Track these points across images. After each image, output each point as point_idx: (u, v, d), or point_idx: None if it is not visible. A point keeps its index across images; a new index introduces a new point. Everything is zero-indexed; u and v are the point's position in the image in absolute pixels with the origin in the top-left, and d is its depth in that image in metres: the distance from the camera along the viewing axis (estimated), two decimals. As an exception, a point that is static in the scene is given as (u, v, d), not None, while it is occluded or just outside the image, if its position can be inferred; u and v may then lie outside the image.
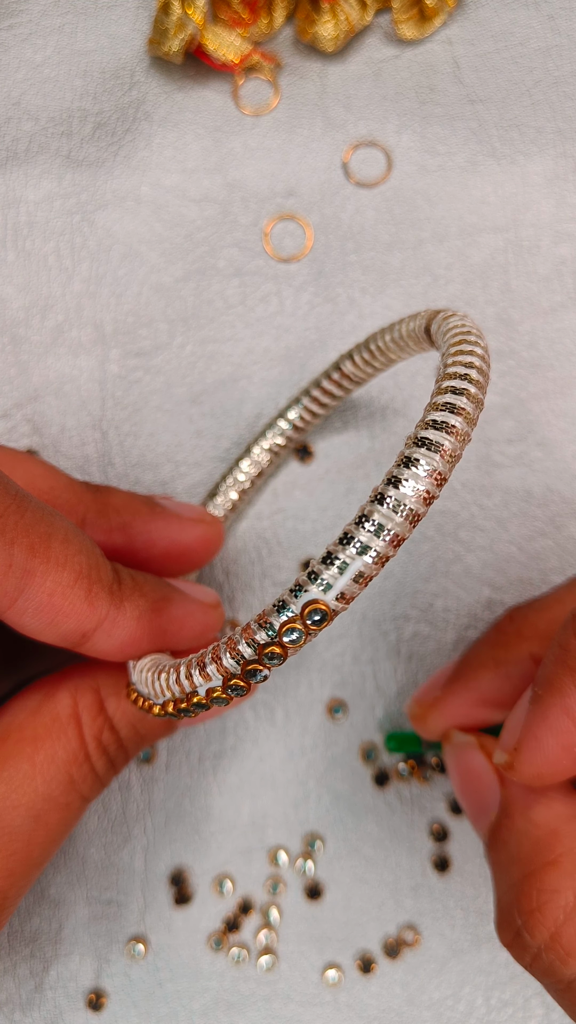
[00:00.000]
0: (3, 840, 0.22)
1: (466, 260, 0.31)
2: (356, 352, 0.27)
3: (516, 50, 0.31)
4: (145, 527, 0.26)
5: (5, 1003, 0.29)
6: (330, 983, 0.30)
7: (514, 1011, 0.29)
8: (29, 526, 0.20)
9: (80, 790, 0.23)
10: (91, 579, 0.21)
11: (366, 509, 0.17)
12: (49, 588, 0.20)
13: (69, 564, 0.21)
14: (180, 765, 0.30)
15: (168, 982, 0.30)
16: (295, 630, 0.17)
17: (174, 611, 0.23)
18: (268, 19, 0.31)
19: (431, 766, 0.30)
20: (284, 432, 0.30)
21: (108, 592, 0.21)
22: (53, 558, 0.20)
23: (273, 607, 0.17)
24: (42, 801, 0.22)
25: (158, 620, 0.23)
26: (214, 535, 0.27)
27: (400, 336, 0.24)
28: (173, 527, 0.26)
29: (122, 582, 0.22)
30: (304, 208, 0.32)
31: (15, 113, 0.31)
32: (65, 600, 0.21)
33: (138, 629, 0.22)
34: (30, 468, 0.24)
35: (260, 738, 0.30)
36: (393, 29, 0.31)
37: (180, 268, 0.31)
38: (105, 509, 0.25)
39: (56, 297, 0.31)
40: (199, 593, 0.25)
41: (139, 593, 0.22)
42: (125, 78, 0.31)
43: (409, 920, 0.30)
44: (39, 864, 0.23)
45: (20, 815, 0.22)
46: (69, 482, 0.25)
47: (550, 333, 0.31)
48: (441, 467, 0.17)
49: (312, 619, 0.17)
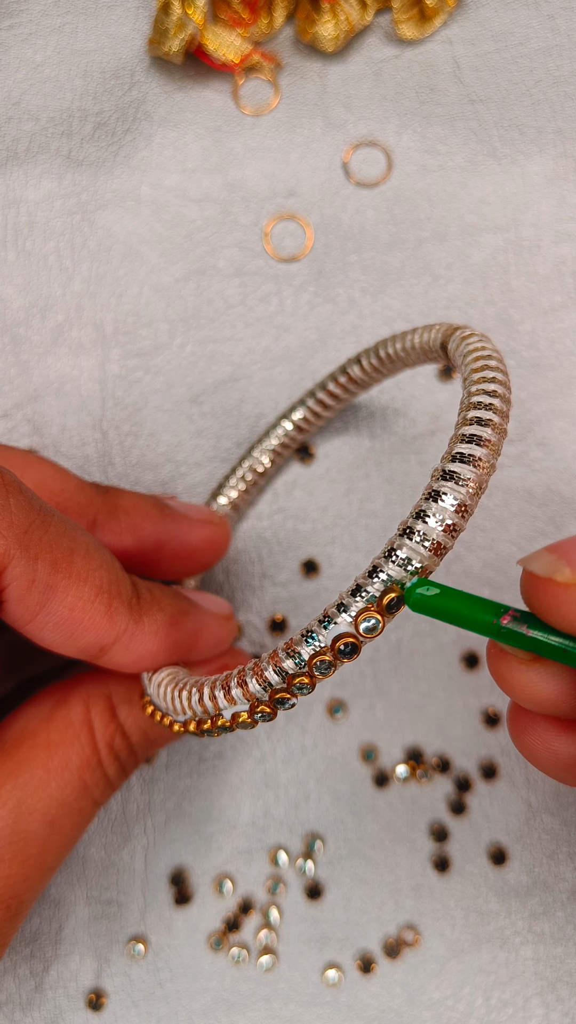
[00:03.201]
0: (20, 845, 0.22)
1: (466, 260, 0.31)
2: (364, 357, 0.27)
3: (516, 50, 0.31)
4: (155, 529, 0.26)
5: (5, 1003, 0.29)
6: (330, 983, 0.30)
7: (514, 1011, 0.29)
8: (52, 541, 0.20)
9: (93, 795, 0.23)
10: (111, 594, 0.21)
11: (395, 542, 0.17)
12: (70, 603, 0.21)
13: (90, 579, 0.21)
14: (180, 765, 0.30)
15: (168, 982, 0.30)
16: (325, 662, 0.17)
17: (190, 624, 0.24)
18: (268, 19, 0.31)
19: (431, 766, 0.30)
20: (287, 433, 0.30)
21: (127, 607, 0.22)
22: (75, 573, 0.21)
23: (301, 636, 0.17)
24: (56, 807, 0.23)
25: (175, 634, 0.23)
26: (222, 536, 0.27)
27: (412, 347, 0.24)
28: (182, 528, 0.26)
29: (141, 596, 0.22)
30: (304, 208, 0.32)
31: (15, 113, 0.31)
32: (85, 615, 0.21)
33: (156, 643, 0.22)
34: (41, 470, 0.24)
35: (260, 738, 0.30)
36: (393, 29, 0.31)
37: (180, 268, 0.31)
38: (115, 511, 0.25)
39: (56, 297, 0.31)
40: (213, 605, 0.25)
41: (157, 607, 0.23)
42: (125, 78, 0.31)
43: (409, 920, 0.30)
44: (52, 868, 0.23)
45: (36, 820, 0.22)
46: (79, 484, 0.25)
47: (550, 333, 0.31)
48: (467, 500, 0.17)
49: (343, 652, 0.17)
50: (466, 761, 0.30)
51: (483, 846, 0.30)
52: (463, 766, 0.30)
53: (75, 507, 0.24)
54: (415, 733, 0.30)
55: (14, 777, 0.22)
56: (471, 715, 0.30)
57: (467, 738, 0.30)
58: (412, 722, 0.30)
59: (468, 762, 0.30)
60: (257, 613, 0.31)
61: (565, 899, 0.30)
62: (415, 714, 0.30)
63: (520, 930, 0.30)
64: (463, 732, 0.30)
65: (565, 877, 0.30)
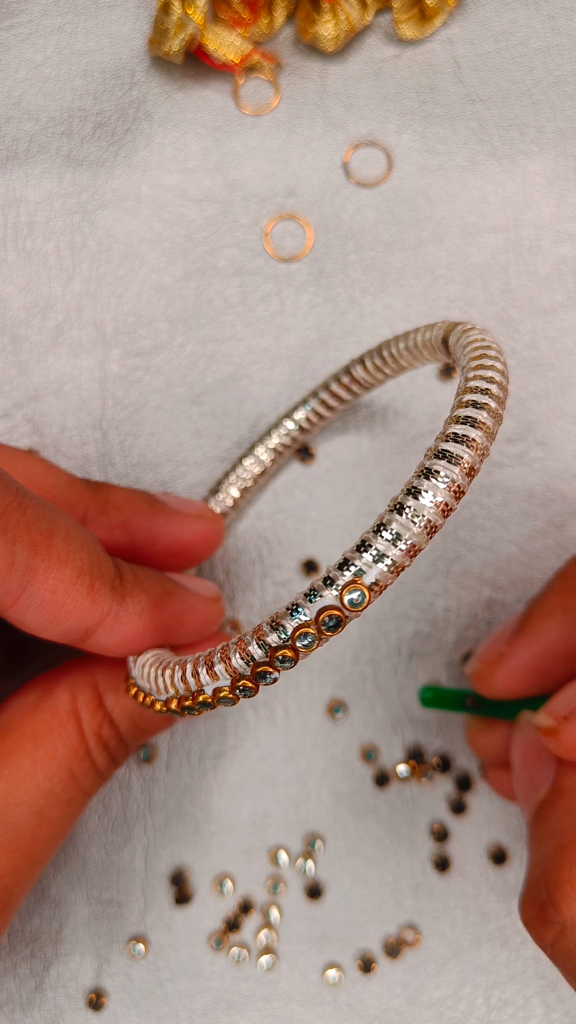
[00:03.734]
0: (7, 838, 0.22)
1: (466, 260, 0.31)
2: (368, 357, 0.27)
3: (516, 50, 0.31)
4: (146, 524, 0.26)
5: (6, 1003, 0.29)
6: (330, 983, 0.30)
7: (514, 1011, 0.29)
8: (31, 523, 0.20)
9: (81, 785, 0.23)
10: (93, 575, 0.21)
11: (384, 518, 0.17)
12: (51, 585, 0.20)
13: (71, 561, 0.21)
14: (180, 765, 0.30)
15: (168, 982, 0.30)
16: (308, 634, 0.17)
17: (176, 605, 0.23)
18: (268, 19, 0.31)
19: (432, 766, 0.30)
20: (289, 432, 0.30)
21: (110, 588, 0.21)
22: (55, 555, 0.20)
23: (287, 610, 0.17)
24: (44, 797, 0.22)
25: (160, 615, 0.23)
26: (215, 531, 0.27)
27: (415, 345, 0.24)
28: (174, 523, 0.26)
29: (124, 577, 0.22)
30: (304, 208, 0.32)
31: (15, 113, 0.31)
32: (67, 597, 0.21)
33: (140, 624, 0.22)
34: (30, 466, 0.24)
35: (260, 738, 0.30)
36: (393, 29, 0.31)
37: (180, 268, 0.31)
38: (106, 507, 0.25)
39: (56, 297, 0.31)
40: (200, 587, 0.25)
41: (141, 588, 0.22)
42: (125, 78, 0.31)
43: (409, 920, 0.30)
44: (42, 860, 0.23)
45: (23, 812, 0.22)
46: (69, 480, 0.25)
47: (550, 332, 0.31)
48: (460, 479, 0.17)
49: (327, 625, 0.17)
50: (466, 761, 0.30)
51: (483, 846, 0.30)
52: (463, 766, 0.30)
53: (65, 503, 0.24)
54: (415, 733, 0.30)
55: (0, 769, 0.22)
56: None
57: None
58: (412, 722, 0.30)
59: (468, 762, 0.30)
60: (257, 613, 0.31)
61: (565, 899, 0.30)
62: (415, 714, 0.30)
63: (520, 929, 0.30)
64: (463, 732, 0.30)
65: (565, 877, 0.30)
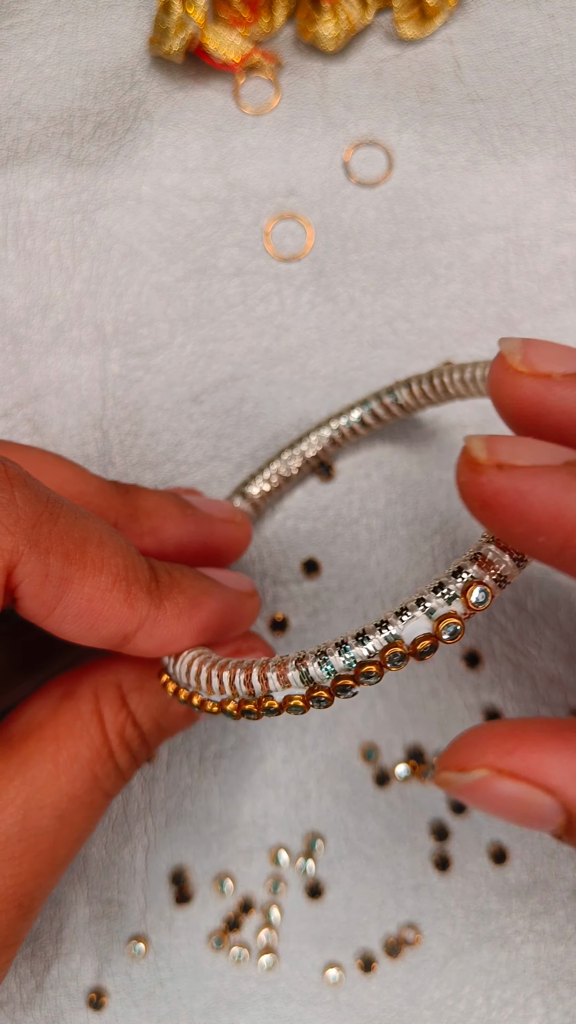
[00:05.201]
0: (30, 842, 0.22)
1: (467, 259, 0.31)
2: (415, 383, 0.27)
3: (517, 49, 0.31)
4: (177, 531, 0.25)
5: (6, 1002, 0.29)
6: (331, 982, 0.30)
7: (515, 1010, 0.29)
8: (63, 533, 0.20)
9: (104, 787, 0.23)
10: (129, 580, 0.21)
11: (483, 547, 0.17)
12: (87, 594, 0.20)
13: (106, 567, 0.20)
14: (181, 765, 0.30)
15: (169, 981, 0.30)
16: (399, 655, 0.17)
17: (213, 604, 0.23)
18: (269, 18, 0.31)
19: (432, 766, 0.30)
20: (322, 442, 0.29)
21: (147, 592, 0.21)
22: (89, 563, 0.20)
23: (376, 626, 0.17)
24: (67, 801, 0.22)
25: (199, 616, 0.22)
26: (243, 535, 0.27)
27: (472, 379, 0.24)
28: (204, 529, 0.26)
29: (160, 580, 0.22)
30: (305, 207, 0.32)
31: (16, 113, 0.31)
32: (104, 604, 0.20)
33: (179, 627, 0.22)
34: (59, 472, 0.24)
35: (261, 738, 0.30)
36: (394, 28, 0.31)
37: (181, 267, 0.31)
38: (136, 513, 0.25)
39: (57, 297, 0.31)
40: (235, 582, 0.25)
41: (178, 590, 0.22)
42: (126, 77, 0.31)
43: (410, 919, 0.30)
44: (64, 863, 0.23)
45: (46, 816, 0.22)
46: (100, 486, 0.24)
47: (551, 332, 0.31)
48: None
49: (422, 651, 0.17)
50: (466, 760, 0.30)
51: (484, 845, 0.30)
52: (463, 765, 0.30)
53: (95, 510, 0.24)
54: (416, 732, 0.30)
55: (22, 772, 0.22)
56: (472, 714, 0.30)
57: (467, 737, 0.30)
58: (413, 721, 0.30)
59: (468, 761, 0.30)
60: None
61: (566, 898, 0.30)
62: (416, 713, 0.30)
63: (521, 929, 0.30)
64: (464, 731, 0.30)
65: (566, 876, 0.30)
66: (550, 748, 0.18)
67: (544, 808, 0.18)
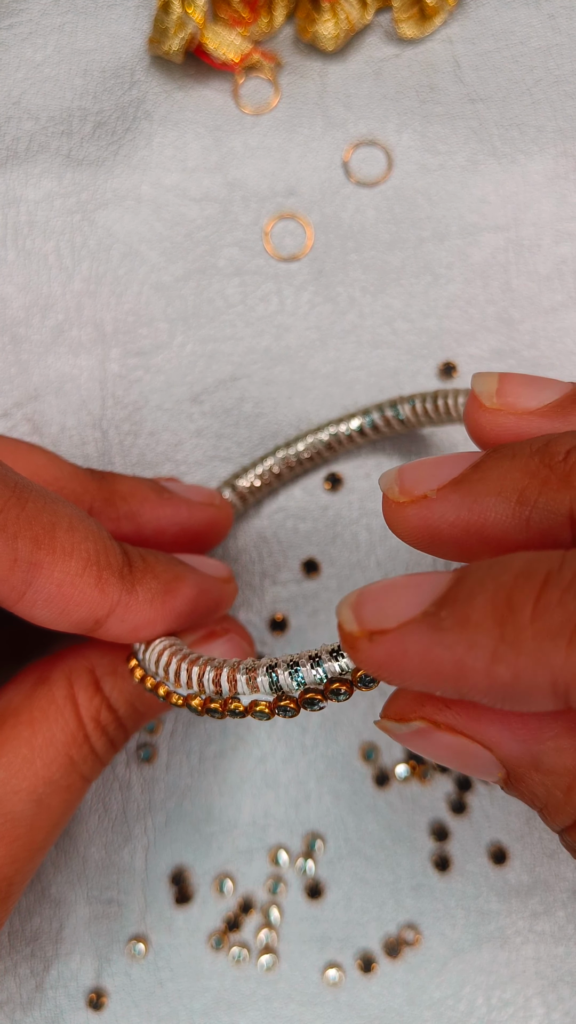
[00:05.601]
0: (6, 827, 0.22)
1: (467, 259, 0.31)
2: (419, 400, 0.27)
3: (517, 49, 0.31)
4: (154, 515, 0.25)
5: (6, 1002, 0.29)
6: (330, 983, 0.30)
7: (515, 1011, 0.29)
8: (32, 517, 0.20)
9: (81, 771, 0.23)
10: (100, 565, 0.21)
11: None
12: (57, 579, 0.20)
13: (76, 552, 0.20)
14: (180, 765, 0.30)
15: (169, 981, 0.30)
16: (370, 676, 0.17)
17: (187, 590, 0.23)
18: (268, 18, 0.31)
19: (432, 766, 0.30)
20: (318, 446, 0.29)
21: (119, 577, 0.21)
22: (59, 548, 0.20)
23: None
24: (43, 785, 0.22)
25: (172, 601, 0.22)
26: (224, 518, 0.27)
27: None
28: (182, 512, 0.26)
29: (133, 565, 0.22)
30: (304, 207, 0.32)
31: (15, 112, 0.31)
32: (75, 589, 0.20)
33: (152, 612, 0.22)
34: (33, 458, 0.24)
35: (260, 738, 0.30)
36: (393, 28, 0.31)
37: (180, 267, 0.31)
38: (112, 497, 0.25)
39: (56, 296, 0.31)
40: (211, 567, 0.25)
41: (151, 575, 0.22)
42: (125, 77, 0.31)
43: (410, 919, 0.30)
44: (42, 848, 0.23)
45: (22, 800, 0.22)
46: (74, 471, 0.24)
47: (551, 332, 0.31)
48: None
49: None
50: (466, 760, 0.30)
51: (484, 845, 0.30)
52: (463, 765, 0.30)
53: (70, 495, 0.24)
54: (415, 732, 0.30)
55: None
56: (471, 714, 0.30)
57: (467, 737, 0.30)
58: (412, 721, 0.30)
59: (468, 761, 0.30)
60: (257, 612, 0.31)
61: (566, 898, 0.30)
62: (415, 713, 0.30)
63: (521, 929, 0.30)
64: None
65: (566, 876, 0.30)
66: (502, 714, 0.18)
67: (483, 759, 0.18)
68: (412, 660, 0.16)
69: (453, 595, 0.16)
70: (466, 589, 0.16)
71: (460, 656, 0.15)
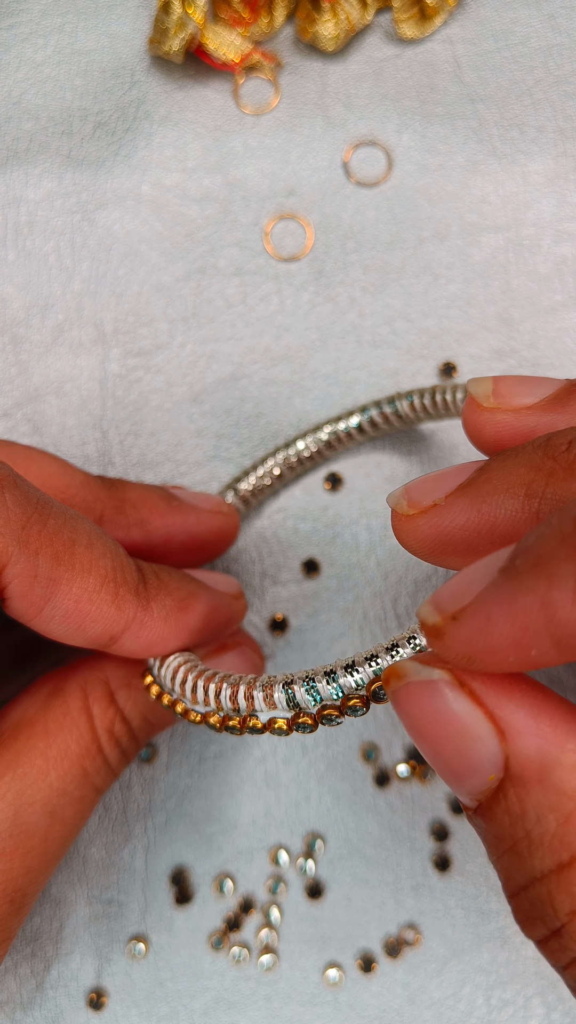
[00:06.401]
0: (21, 838, 0.22)
1: (467, 259, 0.31)
2: (417, 396, 0.27)
3: (517, 49, 0.31)
4: (163, 522, 0.25)
5: (6, 1002, 0.29)
6: (331, 983, 0.30)
7: (515, 1011, 0.29)
8: (52, 534, 0.20)
9: (94, 782, 0.23)
10: (117, 582, 0.21)
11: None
12: (75, 595, 0.20)
13: (94, 569, 0.21)
14: (181, 765, 0.30)
15: (169, 981, 0.30)
16: (383, 691, 0.17)
17: (200, 607, 0.23)
18: (268, 18, 0.31)
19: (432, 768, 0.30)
20: (318, 445, 0.29)
21: (134, 594, 0.21)
22: (78, 565, 0.20)
23: (365, 659, 0.17)
24: (57, 796, 0.22)
25: (186, 618, 0.22)
26: (231, 526, 0.27)
27: None
28: (191, 520, 0.26)
29: (147, 582, 0.22)
30: (305, 207, 0.32)
31: (15, 112, 0.31)
32: (92, 605, 0.21)
33: (166, 628, 0.22)
34: (44, 466, 0.24)
35: (261, 738, 0.30)
36: (393, 28, 0.31)
37: (180, 267, 0.31)
38: (122, 506, 0.25)
39: (56, 296, 0.31)
40: (222, 584, 0.25)
41: (165, 592, 0.22)
42: (125, 77, 0.31)
43: (410, 920, 0.30)
44: (56, 859, 0.23)
45: (36, 811, 0.22)
46: (85, 479, 0.25)
47: (551, 332, 0.31)
48: None
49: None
50: (467, 760, 0.30)
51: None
52: (464, 765, 0.30)
53: (80, 503, 0.24)
54: (416, 732, 0.30)
55: (12, 768, 0.22)
56: (472, 714, 0.30)
57: (468, 737, 0.30)
58: (413, 721, 0.30)
59: (469, 761, 0.30)
60: (257, 612, 0.31)
61: (566, 898, 0.30)
62: (415, 713, 0.30)
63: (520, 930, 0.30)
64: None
65: (566, 876, 0.30)
66: (533, 703, 0.16)
67: (482, 751, 0.16)
68: (499, 621, 0.15)
69: (523, 546, 0.15)
70: (534, 535, 0.15)
71: (544, 593, 0.14)
